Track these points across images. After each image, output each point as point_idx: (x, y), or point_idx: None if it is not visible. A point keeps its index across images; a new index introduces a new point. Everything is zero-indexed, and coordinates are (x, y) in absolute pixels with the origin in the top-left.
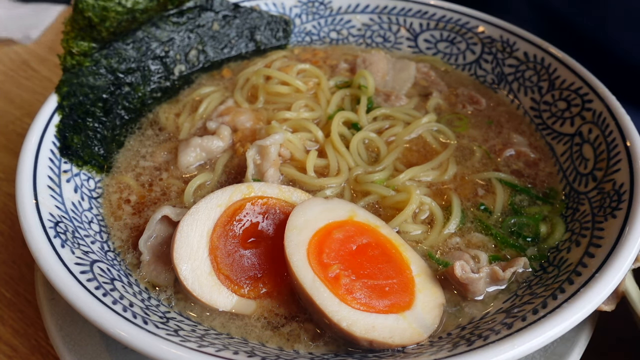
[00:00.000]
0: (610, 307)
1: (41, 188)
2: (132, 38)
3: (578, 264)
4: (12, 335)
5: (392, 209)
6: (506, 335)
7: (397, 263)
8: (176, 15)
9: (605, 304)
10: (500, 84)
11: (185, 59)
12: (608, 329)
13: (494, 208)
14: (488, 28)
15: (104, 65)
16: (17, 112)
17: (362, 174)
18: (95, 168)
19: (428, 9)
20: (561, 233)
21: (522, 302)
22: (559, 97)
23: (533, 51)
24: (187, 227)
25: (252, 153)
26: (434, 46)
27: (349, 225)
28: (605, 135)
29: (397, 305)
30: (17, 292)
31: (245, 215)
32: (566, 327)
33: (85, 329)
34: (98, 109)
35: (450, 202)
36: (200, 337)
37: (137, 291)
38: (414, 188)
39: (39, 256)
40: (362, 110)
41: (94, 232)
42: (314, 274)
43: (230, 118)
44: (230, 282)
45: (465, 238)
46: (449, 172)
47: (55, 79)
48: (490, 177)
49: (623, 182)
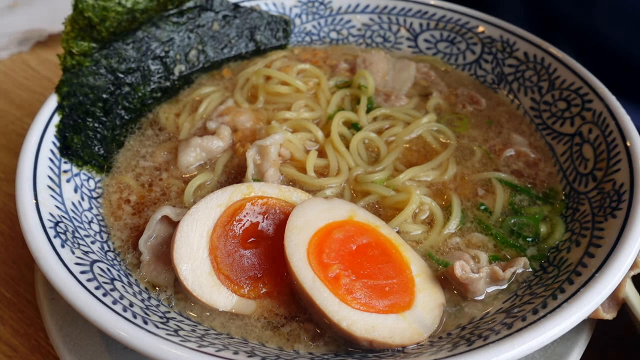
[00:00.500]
0: (612, 315)
1: (41, 188)
2: (132, 38)
3: (578, 264)
4: (12, 335)
5: (392, 209)
6: (506, 335)
7: (397, 263)
8: (176, 15)
9: (606, 312)
10: (500, 84)
11: (185, 59)
12: (608, 329)
13: (494, 208)
14: (488, 28)
15: (104, 65)
16: (17, 112)
17: (362, 174)
18: (95, 168)
19: (428, 9)
20: (561, 233)
21: (522, 302)
22: (559, 97)
23: (533, 51)
24: (187, 227)
25: (252, 153)
26: (434, 46)
27: (349, 225)
28: (605, 135)
29: (397, 305)
30: (17, 292)
31: (245, 215)
32: (566, 327)
33: (85, 329)
34: (98, 109)
35: (450, 202)
36: (200, 337)
37: (137, 291)
38: (414, 188)
39: (39, 256)
40: (362, 110)
41: (94, 232)
42: (314, 274)
43: (230, 118)
44: (230, 282)
45: (465, 238)
46: (449, 172)
47: (55, 79)
48: (490, 177)
49: (623, 182)
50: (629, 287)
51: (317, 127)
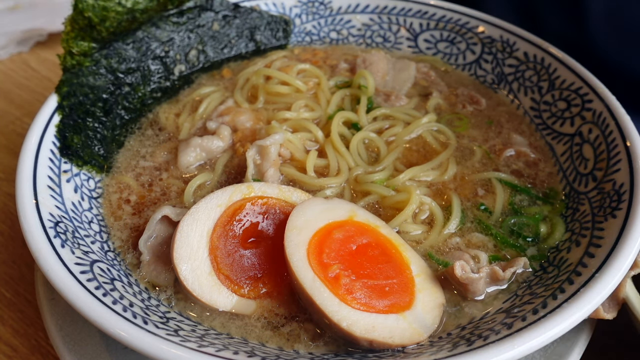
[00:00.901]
0: (612, 315)
1: (41, 188)
2: (132, 38)
3: (578, 264)
4: (12, 335)
5: (392, 209)
6: (506, 335)
7: (397, 263)
8: (176, 15)
9: (606, 312)
10: (500, 84)
11: (185, 59)
12: (608, 329)
13: (494, 208)
14: (488, 28)
15: (104, 65)
16: (17, 112)
17: (362, 174)
18: (95, 168)
19: (428, 9)
20: (561, 233)
21: (522, 302)
22: (559, 97)
23: (533, 51)
24: (187, 227)
25: (252, 153)
26: (434, 46)
27: (349, 225)
28: (605, 135)
29: (397, 305)
30: (17, 292)
31: (245, 215)
32: (566, 327)
33: (85, 329)
34: (98, 109)
35: (450, 202)
36: (200, 337)
37: (137, 291)
38: (414, 188)
39: (39, 256)
40: (362, 110)
41: (94, 232)
42: (314, 274)
43: (230, 118)
44: (230, 282)
45: (465, 238)
46: (449, 172)
47: (55, 79)
48: (490, 177)
49: (623, 182)
50: (629, 287)
51: (317, 127)
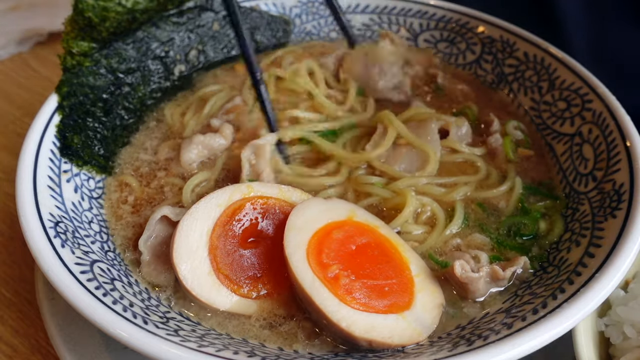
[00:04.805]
0: None
1: (41, 188)
2: (132, 38)
3: (578, 264)
4: (12, 335)
5: (395, 210)
6: (506, 335)
7: (396, 263)
8: (176, 15)
9: None
10: (500, 84)
11: (185, 59)
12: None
13: (497, 208)
14: (488, 28)
15: (104, 65)
16: (17, 112)
17: (363, 175)
18: (96, 168)
19: (428, 9)
20: (560, 229)
21: (522, 302)
22: (559, 97)
23: (533, 51)
24: (186, 226)
25: (248, 154)
26: (434, 46)
27: (349, 226)
28: (605, 135)
29: (397, 305)
30: (17, 292)
31: (245, 215)
32: (566, 327)
33: (85, 329)
34: (98, 109)
35: (453, 203)
36: (200, 337)
37: (137, 291)
38: (409, 190)
39: (39, 256)
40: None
41: (94, 232)
42: (314, 274)
43: (235, 116)
44: (230, 281)
45: (465, 238)
46: (459, 192)
47: (55, 79)
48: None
49: (623, 182)
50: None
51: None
